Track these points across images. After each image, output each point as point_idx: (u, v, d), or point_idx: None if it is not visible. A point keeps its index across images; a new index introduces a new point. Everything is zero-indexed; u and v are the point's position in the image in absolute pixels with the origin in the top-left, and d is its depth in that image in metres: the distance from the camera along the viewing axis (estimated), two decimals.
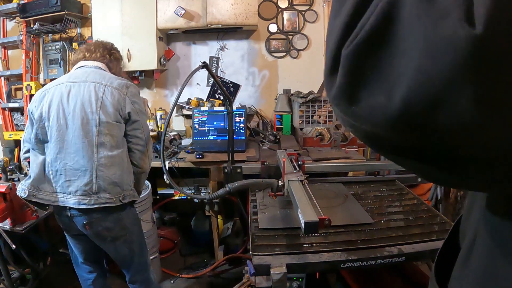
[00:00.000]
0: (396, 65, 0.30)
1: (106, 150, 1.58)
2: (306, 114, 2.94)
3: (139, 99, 1.71)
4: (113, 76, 1.70)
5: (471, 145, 0.30)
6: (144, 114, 1.73)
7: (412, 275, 1.81)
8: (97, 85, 1.61)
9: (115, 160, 1.60)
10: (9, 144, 3.33)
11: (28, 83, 2.97)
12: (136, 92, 1.71)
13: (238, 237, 2.80)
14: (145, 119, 1.73)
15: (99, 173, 1.57)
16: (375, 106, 0.32)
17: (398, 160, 0.37)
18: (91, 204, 1.57)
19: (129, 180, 1.67)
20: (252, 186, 1.66)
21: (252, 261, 1.30)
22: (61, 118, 1.56)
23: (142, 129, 1.69)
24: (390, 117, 0.31)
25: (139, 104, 1.69)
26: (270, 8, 3.16)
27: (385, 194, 1.94)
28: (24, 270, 2.23)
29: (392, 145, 0.35)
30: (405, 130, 0.31)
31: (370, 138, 0.36)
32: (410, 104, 0.29)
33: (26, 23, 3.03)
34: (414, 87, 0.29)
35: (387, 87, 0.31)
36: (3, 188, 1.76)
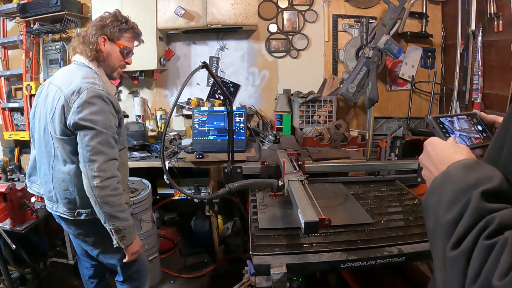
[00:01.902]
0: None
1: (59, 163, 1.50)
2: (306, 114, 2.94)
3: (90, 106, 1.40)
4: (80, 78, 1.45)
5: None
6: (89, 121, 1.39)
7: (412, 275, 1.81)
8: (58, 91, 1.47)
9: (65, 176, 1.48)
10: (9, 144, 3.33)
11: (28, 83, 2.97)
12: (88, 97, 1.40)
13: (238, 237, 2.80)
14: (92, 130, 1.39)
15: (55, 185, 1.53)
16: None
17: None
18: (54, 210, 1.60)
19: (85, 198, 1.45)
20: (252, 186, 1.66)
21: (252, 261, 1.30)
22: (38, 121, 1.57)
23: (81, 142, 1.40)
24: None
25: (88, 112, 1.39)
26: (270, 8, 3.16)
27: (385, 194, 1.94)
28: (24, 270, 2.23)
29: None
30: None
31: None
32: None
33: (26, 23, 3.03)
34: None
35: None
36: (3, 188, 1.76)
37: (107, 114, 1.45)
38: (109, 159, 1.43)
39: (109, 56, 1.58)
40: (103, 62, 1.58)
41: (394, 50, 2.79)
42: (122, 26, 1.59)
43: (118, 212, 1.45)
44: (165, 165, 1.95)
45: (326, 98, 2.96)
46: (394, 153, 2.91)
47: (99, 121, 1.41)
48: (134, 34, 1.65)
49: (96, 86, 1.44)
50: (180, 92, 1.65)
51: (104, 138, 1.42)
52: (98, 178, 1.39)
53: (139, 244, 1.60)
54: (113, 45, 1.59)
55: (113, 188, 1.43)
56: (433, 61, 3.23)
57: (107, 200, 1.41)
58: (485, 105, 2.63)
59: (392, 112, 3.29)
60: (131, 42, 1.65)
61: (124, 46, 1.61)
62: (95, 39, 1.54)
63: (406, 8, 2.83)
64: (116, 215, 1.44)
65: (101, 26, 1.56)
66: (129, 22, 1.62)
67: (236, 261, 2.73)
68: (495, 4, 2.46)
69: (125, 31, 1.60)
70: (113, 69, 1.63)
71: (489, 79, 2.60)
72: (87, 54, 1.54)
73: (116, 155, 1.48)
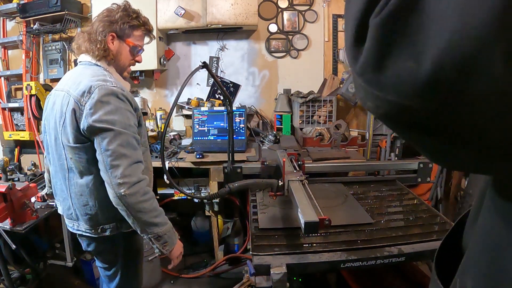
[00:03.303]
0: (427, 28, 0.29)
1: (75, 176, 1.36)
2: (306, 114, 2.94)
3: (104, 105, 1.26)
4: (89, 77, 1.32)
5: (502, 118, 0.29)
6: (105, 122, 1.25)
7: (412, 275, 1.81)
8: (66, 95, 1.32)
9: (84, 190, 1.35)
10: (9, 144, 3.33)
11: (28, 83, 2.97)
12: (101, 96, 1.26)
13: (238, 237, 2.80)
14: (110, 132, 1.25)
15: (73, 201, 1.39)
16: (403, 72, 0.31)
17: (420, 139, 0.36)
18: (75, 229, 1.47)
19: (108, 212, 1.36)
20: (252, 186, 1.66)
21: (252, 261, 1.30)
22: (48, 133, 1.44)
23: (100, 147, 1.25)
24: (420, 82, 0.29)
25: (103, 113, 1.25)
26: (270, 8, 3.16)
27: (385, 194, 1.94)
28: (24, 270, 2.23)
29: (415, 119, 0.33)
30: (434, 97, 0.30)
31: (394, 113, 0.34)
32: (442, 67, 0.28)
33: (26, 23, 3.03)
34: (446, 48, 0.28)
35: (417, 51, 0.30)
36: (3, 188, 1.76)
37: (125, 112, 1.30)
38: (133, 162, 1.27)
39: (118, 55, 1.44)
40: (112, 60, 1.44)
41: None
42: (133, 23, 1.42)
43: (154, 217, 1.31)
44: (165, 165, 1.95)
45: (326, 98, 2.96)
46: (394, 153, 2.91)
47: (116, 121, 1.26)
48: (145, 31, 1.49)
49: (108, 83, 1.29)
50: (180, 92, 1.65)
51: (124, 139, 1.26)
52: (125, 186, 1.24)
53: (181, 246, 1.46)
54: (123, 43, 1.43)
55: (143, 193, 1.28)
56: None
57: (139, 207, 1.27)
58: None
59: None
60: (142, 40, 1.50)
61: (135, 44, 1.45)
62: (103, 36, 1.38)
63: None
64: (153, 222, 1.31)
65: (109, 22, 1.39)
66: (140, 17, 1.45)
67: (236, 261, 2.74)
68: None
69: (136, 28, 1.44)
70: (122, 68, 1.49)
71: None
72: (94, 54, 1.39)
73: (140, 157, 1.33)
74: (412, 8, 0.30)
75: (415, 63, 0.30)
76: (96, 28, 1.40)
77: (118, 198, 1.26)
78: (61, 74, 3.16)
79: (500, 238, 0.42)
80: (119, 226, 1.42)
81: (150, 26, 1.51)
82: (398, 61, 0.31)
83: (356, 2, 0.34)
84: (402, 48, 0.31)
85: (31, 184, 2.03)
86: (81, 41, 1.43)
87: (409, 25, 0.30)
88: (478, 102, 0.29)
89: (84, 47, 1.41)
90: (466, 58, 0.27)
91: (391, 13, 0.31)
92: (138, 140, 1.35)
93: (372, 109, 0.36)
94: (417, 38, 0.30)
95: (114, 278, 1.58)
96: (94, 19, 1.47)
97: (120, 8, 1.42)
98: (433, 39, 0.29)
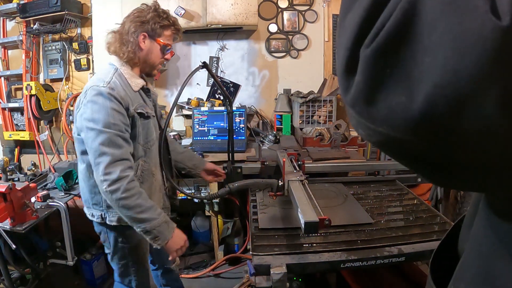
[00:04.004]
0: (419, 63, 0.29)
1: (79, 163, 1.53)
2: (306, 114, 2.94)
3: (92, 105, 1.35)
4: (94, 78, 1.47)
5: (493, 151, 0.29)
6: (91, 121, 1.34)
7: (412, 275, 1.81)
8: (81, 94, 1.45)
9: (80, 176, 1.53)
10: (9, 144, 3.33)
11: (28, 83, 2.97)
12: (91, 96, 1.36)
13: (238, 237, 2.80)
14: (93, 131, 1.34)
15: (80, 186, 1.58)
16: (395, 106, 0.30)
17: (412, 165, 0.36)
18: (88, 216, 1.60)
19: (95, 200, 1.50)
20: (252, 186, 1.67)
21: (252, 261, 1.30)
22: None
23: (86, 145, 1.37)
24: (411, 117, 0.29)
25: (90, 111, 1.35)
26: (270, 8, 3.16)
27: (385, 194, 1.94)
28: (24, 270, 2.23)
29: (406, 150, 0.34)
30: (426, 132, 0.29)
31: (385, 143, 0.34)
32: (434, 103, 0.28)
33: (26, 23, 3.03)
34: (439, 85, 0.27)
35: (409, 86, 0.29)
36: (3, 188, 1.75)
37: (109, 111, 1.34)
38: (114, 160, 1.32)
39: (149, 54, 1.50)
40: (139, 62, 1.50)
41: None
42: (163, 23, 1.47)
43: (138, 213, 1.35)
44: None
45: (326, 98, 2.96)
46: None
47: (100, 119, 1.33)
48: (175, 31, 1.54)
49: (100, 84, 1.37)
50: (180, 92, 1.65)
51: (106, 137, 1.32)
52: (105, 183, 1.31)
53: (181, 239, 1.47)
54: (154, 42, 1.48)
55: (123, 190, 1.32)
56: None
57: (121, 204, 1.33)
58: None
59: None
60: (172, 39, 1.55)
61: (165, 43, 1.50)
62: (135, 37, 1.44)
63: None
64: (137, 217, 1.35)
65: (141, 22, 1.45)
66: (169, 18, 1.51)
67: (236, 261, 2.73)
68: None
69: (166, 28, 1.49)
70: (153, 66, 1.55)
71: None
72: (124, 55, 1.45)
73: (125, 155, 1.37)
74: (403, 39, 0.29)
75: (407, 98, 0.29)
76: (128, 28, 1.45)
77: (104, 194, 1.35)
78: (61, 74, 3.17)
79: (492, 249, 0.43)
80: (103, 217, 1.51)
81: (179, 26, 1.56)
82: (389, 95, 0.31)
83: (347, 31, 0.33)
84: (393, 82, 0.30)
85: (31, 184, 2.02)
86: (112, 41, 1.49)
87: (401, 58, 0.30)
88: (470, 139, 0.29)
89: (113, 48, 1.48)
90: (458, 96, 0.27)
91: (382, 45, 0.30)
92: (125, 138, 1.39)
93: (364, 137, 0.36)
94: (409, 71, 0.29)
95: (115, 268, 1.66)
96: (124, 19, 1.50)
97: (150, 9, 1.47)
98: (426, 74, 0.28)
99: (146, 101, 1.55)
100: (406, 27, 0.29)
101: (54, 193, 2.26)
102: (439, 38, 0.27)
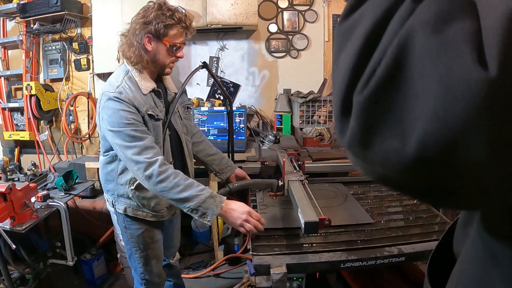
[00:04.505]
0: (410, 109, 0.29)
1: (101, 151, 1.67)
2: (306, 114, 2.94)
3: (106, 110, 1.41)
4: (107, 82, 1.49)
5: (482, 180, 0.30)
6: (109, 124, 1.40)
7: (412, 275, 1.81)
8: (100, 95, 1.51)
9: (100, 165, 1.66)
10: (9, 144, 3.33)
11: (28, 83, 2.97)
12: (103, 102, 1.41)
13: (238, 237, 2.80)
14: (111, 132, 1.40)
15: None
16: (389, 150, 0.31)
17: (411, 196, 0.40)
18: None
19: (108, 186, 1.62)
20: (252, 186, 1.67)
21: (252, 261, 1.30)
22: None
23: (113, 145, 1.45)
24: (405, 161, 0.30)
25: (106, 117, 1.41)
26: (270, 8, 3.16)
27: (385, 194, 1.93)
28: (24, 270, 2.23)
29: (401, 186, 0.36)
30: (420, 173, 0.31)
31: (383, 180, 0.36)
32: (426, 148, 0.29)
33: (26, 23, 3.03)
34: (429, 131, 0.28)
35: (401, 131, 0.30)
36: (3, 188, 1.76)
37: (121, 113, 1.38)
38: (141, 150, 1.37)
39: (156, 55, 1.47)
40: (149, 63, 1.48)
41: None
42: (167, 22, 1.41)
43: (179, 193, 1.35)
44: None
45: (326, 98, 2.96)
46: None
47: (115, 122, 1.39)
48: (182, 29, 1.47)
49: (110, 89, 1.41)
50: (180, 92, 1.65)
51: (125, 135, 1.38)
52: (139, 172, 1.37)
53: (238, 212, 1.37)
54: (160, 43, 1.45)
55: (157, 173, 1.35)
56: None
57: (159, 187, 1.36)
58: None
59: None
60: (181, 35, 1.49)
61: (172, 43, 1.46)
62: (139, 39, 1.43)
63: None
64: (179, 197, 1.36)
65: (144, 24, 1.41)
66: (175, 15, 1.43)
67: (236, 261, 2.74)
68: None
69: (171, 27, 1.43)
70: (163, 66, 1.53)
71: None
72: (130, 59, 1.45)
73: (149, 144, 1.40)
74: (394, 85, 0.30)
75: (400, 143, 0.30)
76: (132, 31, 1.44)
77: (143, 183, 1.41)
78: (61, 74, 3.17)
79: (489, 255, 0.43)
80: (114, 204, 1.62)
81: (187, 22, 1.48)
82: (383, 140, 0.32)
83: (340, 72, 0.34)
84: (387, 128, 0.31)
85: (31, 184, 2.03)
86: (122, 42, 1.49)
87: (392, 103, 0.31)
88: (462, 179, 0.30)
89: (122, 50, 1.48)
90: (449, 142, 0.28)
91: (374, 92, 0.31)
92: (143, 131, 1.43)
93: (362, 172, 0.39)
94: (401, 117, 0.30)
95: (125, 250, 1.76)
96: (132, 18, 1.48)
97: (154, 8, 1.42)
98: (417, 120, 0.29)
99: (156, 104, 1.55)
100: (396, 73, 0.30)
101: (54, 193, 2.27)
102: (428, 84, 0.28)
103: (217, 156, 1.90)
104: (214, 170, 1.89)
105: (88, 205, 2.65)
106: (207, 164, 1.89)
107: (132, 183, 1.55)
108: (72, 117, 3.23)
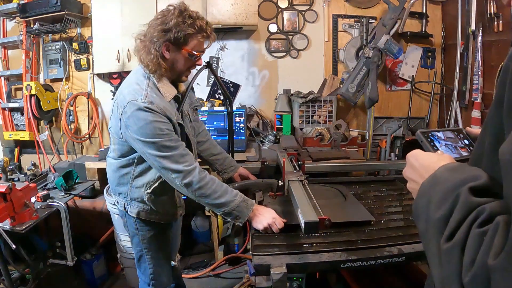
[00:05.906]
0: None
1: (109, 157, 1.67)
2: (306, 114, 2.94)
3: (136, 121, 1.35)
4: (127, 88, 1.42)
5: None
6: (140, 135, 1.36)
7: (412, 275, 1.81)
8: (116, 100, 1.46)
9: (109, 168, 1.65)
10: (9, 144, 3.33)
11: (28, 83, 2.97)
12: (131, 112, 1.35)
13: (238, 237, 2.80)
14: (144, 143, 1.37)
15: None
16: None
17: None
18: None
19: (120, 189, 1.59)
20: (252, 186, 1.66)
21: (252, 261, 1.30)
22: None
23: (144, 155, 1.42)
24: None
25: (136, 128, 1.36)
26: (270, 8, 3.16)
27: (385, 194, 1.93)
28: (24, 270, 2.23)
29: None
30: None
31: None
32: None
33: (26, 23, 3.03)
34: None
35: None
36: (3, 188, 1.76)
37: (154, 124, 1.35)
38: (177, 158, 1.38)
39: (174, 63, 1.43)
40: (166, 71, 1.43)
41: (394, 50, 2.79)
42: (188, 31, 1.35)
43: (216, 199, 1.41)
44: None
45: (326, 98, 2.96)
46: (394, 153, 2.91)
47: (147, 133, 1.35)
48: (202, 38, 1.42)
49: (138, 98, 1.35)
50: (187, 93, 1.60)
51: (158, 146, 1.36)
52: (177, 179, 1.38)
53: (265, 217, 1.42)
54: (179, 51, 1.40)
55: (197, 180, 1.39)
56: (433, 61, 3.23)
57: (198, 194, 1.40)
58: (485, 105, 2.63)
59: (392, 112, 3.29)
60: (201, 44, 1.44)
61: (191, 52, 1.41)
62: (157, 47, 1.36)
63: (406, 8, 2.83)
64: (216, 203, 1.41)
65: (163, 31, 1.34)
66: (196, 23, 1.37)
67: (236, 261, 2.74)
68: (495, 4, 2.46)
69: (192, 37, 1.38)
70: (180, 74, 1.49)
71: (489, 79, 2.60)
72: (148, 66, 1.40)
73: (183, 151, 1.41)
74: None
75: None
76: (150, 37, 1.37)
77: (179, 189, 1.43)
78: (61, 74, 3.17)
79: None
80: (126, 207, 1.60)
81: (208, 30, 1.42)
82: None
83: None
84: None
85: (31, 184, 2.03)
86: (138, 48, 1.43)
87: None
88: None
89: (140, 56, 1.42)
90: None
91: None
92: (175, 139, 1.42)
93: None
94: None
95: (134, 253, 1.74)
96: (149, 22, 1.41)
97: (175, 15, 1.35)
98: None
99: (178, 110, 1.54)
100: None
101: (54, 193, 2.27)
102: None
103: (221, 156, 1.90)
104: (217, 170, 1.90)
105: (88, 205, 2.66)
106: (210, 163, 1.90)
107: (149, 186, 1.53)
108: (72, 117, 3.23)
